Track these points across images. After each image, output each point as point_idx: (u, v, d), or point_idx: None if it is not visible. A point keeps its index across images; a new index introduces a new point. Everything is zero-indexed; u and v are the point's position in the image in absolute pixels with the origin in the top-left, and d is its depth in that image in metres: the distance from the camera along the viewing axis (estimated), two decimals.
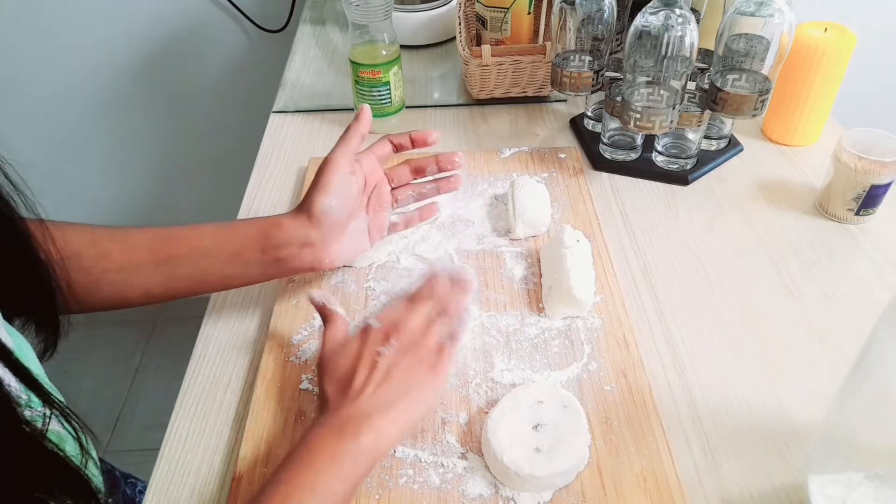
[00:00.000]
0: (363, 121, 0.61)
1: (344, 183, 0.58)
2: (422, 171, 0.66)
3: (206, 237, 0.57)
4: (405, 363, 0.49)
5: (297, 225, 0.56)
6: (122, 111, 1.45)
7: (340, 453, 0.45)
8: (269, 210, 0.77)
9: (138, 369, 1.71)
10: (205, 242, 0.57)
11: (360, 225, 0.62)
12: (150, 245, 0.56)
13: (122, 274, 0.55)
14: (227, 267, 0.57)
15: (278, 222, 0.57)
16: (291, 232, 0.56)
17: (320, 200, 0.56)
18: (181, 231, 0.57)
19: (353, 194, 0.59)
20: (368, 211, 0.63)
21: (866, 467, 0.45)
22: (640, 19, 0.69)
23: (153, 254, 0.56)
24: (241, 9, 1.30)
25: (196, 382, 0.60)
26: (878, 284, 0.67)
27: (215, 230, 0.58)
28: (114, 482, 0.69)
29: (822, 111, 0.82)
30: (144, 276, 0.56)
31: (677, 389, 0.58)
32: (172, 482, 0.52)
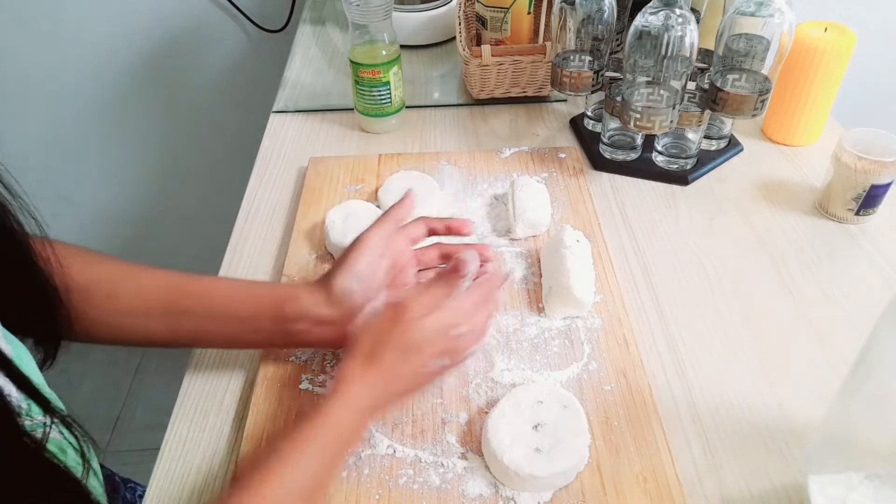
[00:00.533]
0: (405, 206, 0.60)
1: (371, 266, 0.56)
2: (450, 258, 0.62)
3: (219, 296, 0.55)
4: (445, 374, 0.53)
5: (314, 302, 0.54)
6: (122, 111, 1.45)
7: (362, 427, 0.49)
8: (269, 210, 0.77)
9: (138, 369, 1.71)
10: (216, 302, 0.55)
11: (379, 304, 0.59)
12: (160, 294, 0.55)
13: (129, 317, 0.54)
14: (236, 330, 0.56)
15: (295, 295, 0.55)
16: (306, 308, 0.54)
17: (343, 281, 0.54)
18: (195, 283, 0.56)
19: (378, 277, 0.56)
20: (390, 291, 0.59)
21: (866, 467, 0.45)
22: (640, 19, 0.69)
23: (163, 304, 0.55)
24: (241, 9, 1.30)
25: (196, 382, 0.60)
26: (878, 284, 0.67)
27: (229, 290, 0.56)
28: (113, 487, 0.69)
29: (822, 111, 0.82)
30: (150, 322, 0.55)
31: (677, 389, 0.58)
32: (172, 482, 0.52)
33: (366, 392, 0.48)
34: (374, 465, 0.51)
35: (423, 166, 0.80)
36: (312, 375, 0.58)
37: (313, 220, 0.74)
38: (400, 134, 0.89)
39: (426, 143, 0.88)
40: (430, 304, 0.50)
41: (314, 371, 0.58)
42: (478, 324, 0.53)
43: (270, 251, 0.72)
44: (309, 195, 0.77)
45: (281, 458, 0.44)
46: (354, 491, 0.50)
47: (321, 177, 0.80)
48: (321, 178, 0.79)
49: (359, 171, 0.80)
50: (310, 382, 0.57)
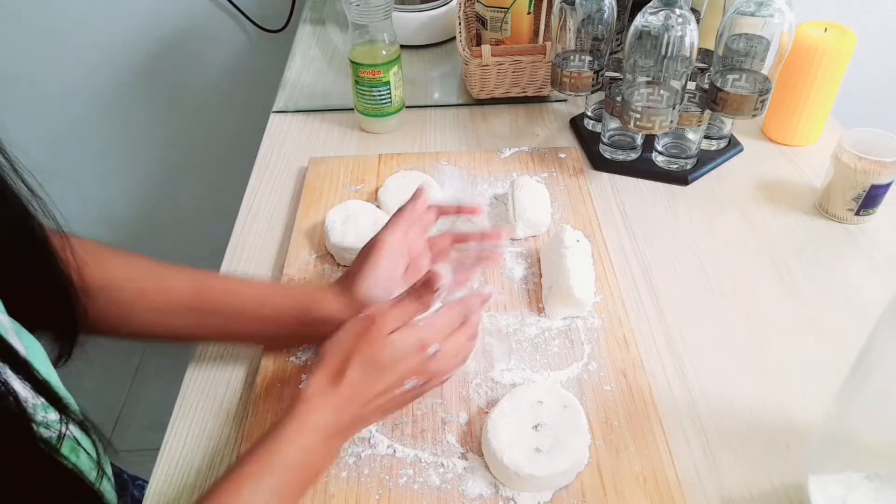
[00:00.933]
0: (419, 204, 0.60)
1: (391, 267, 0.56)
2: (464, 241, 0.64)
3: (245, 296, 0.56)
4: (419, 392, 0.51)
5: (338, 307, 0.55)
6: (122, 111, 1.45)
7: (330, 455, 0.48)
8: (269, 210, 0.77)
9: (138, 369, 1.71)
10: (242, 301, 0.56)
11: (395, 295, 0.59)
12: (187, 291, 0.56)
13: (156, 314, 0.55)
14: (260, 329, 0.57)
15: (319, 299, 0.56)
16: (331, 312, 0.55)
17: (364, 288, 0.55)
18: (221, 282, 0.57)
19: (398, 277, 0.57)
20: (405, 282, 0.59)
21: (866, 467, 0.45)
22: (640, 19, 0.69)
23: (189, 301, 0.55)
24: (241, 9, 1.30)
25: (196, 382, 0.60)
26: (878, 284, 0.67)
27: (255, 291, 0.57)
28: (122, 485, 0.69)
29: (822, 111, 0.82)
30: (177, 320, 0.56)
31: (677, 389, 0.58)
32: (172, 482, 0.52)
33: (329, 413, 0.47)
34: (374, 465, 0.51)
35: (423, 166, 0.80)
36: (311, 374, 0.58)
37: (313, 220, 0.74)
38: (400, 134, 0.89)
39: (426, 143, 0.88)
40: (399, 318, 0.49)
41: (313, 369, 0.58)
42: (454, 346, 0.51)
43: (270, 251, 0.72)
44: (309, 195, 0.77)
45: (237, 481, 0.43)
46: (354, 491, 0.50)
47: (321, 177, 0.80)
48: (321, 178, 0.79)
49: (359, 171, 0.80)
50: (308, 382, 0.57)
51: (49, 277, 0.48)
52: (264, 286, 0.59)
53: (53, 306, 0.49)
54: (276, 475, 0.44)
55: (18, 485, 0.37)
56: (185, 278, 0.56)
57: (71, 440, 0.43)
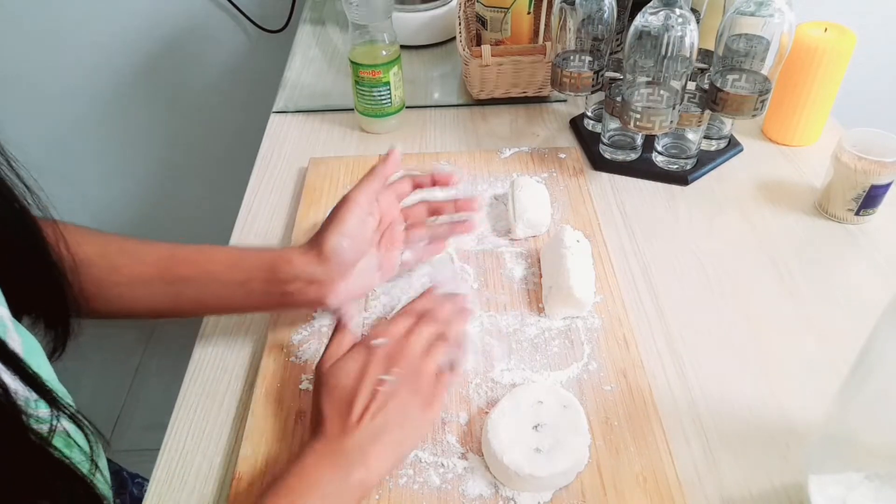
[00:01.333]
0: (390, 163, 0.60)
1: (359, 223, 0.57)
2: (438, 212, 0.65)
3: (215, 262, 0.57)
4: (403, 394, 0.49)
5: (306, 261, 0.55)
6: (122, 111, 1.45)
7: (331, 487, 0.45)
8: (269, 210, 0.77)
9: (138, 369, 1.71)
10: (213, 268, 0.56)
11: (370, 262, 0.60)
12: (158, 263, 0.56)
13: (129, 288, 0.55)
14: (233, 294, 0.57)
15: (287, 257, 0.56)
16: (299, 268, 0.55)
17: (332, 239, 0.55)
18: (191, 252, 0.57)
19: (367, 235, 0.58)
20: (380, 249, 0.61)
21: (866, 467, 0.45)
22: (640, 19, 0.69)
23: (161, 272, 0.56)
24: (241, 9, 1.30)
25: (196, 382, 0.60)
26: (878, 284, 0.67)
27: (224, 256, 0.57)
28: (121, 482, 0.69)
29: (822, 111, 0.82)
30: (151, 292, 0.56)
31: (677, 389, 0.58)
32: (172, 482, 0.52)
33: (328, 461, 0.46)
34: None
35: (423, 166, 0.80)
36: (313, 375, 0.58)
37: (313, 221, 0.74)
38: (400, 134, 0.89)
39: (426, 144, 0.88)
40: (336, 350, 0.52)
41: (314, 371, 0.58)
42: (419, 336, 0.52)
43: None
44: (309, 195, 0.77)
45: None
46: None
47: (321, 177, 0.80)
48: (321, 178, 0.79)
49: (359, 172, 0.80)
50: (310, 382, 0.57)
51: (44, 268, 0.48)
52: (233, 251, 0.59)
53: (47, 296, 0.49)
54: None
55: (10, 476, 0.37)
56: (156, 250, 0.57)
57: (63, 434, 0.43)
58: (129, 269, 0.55)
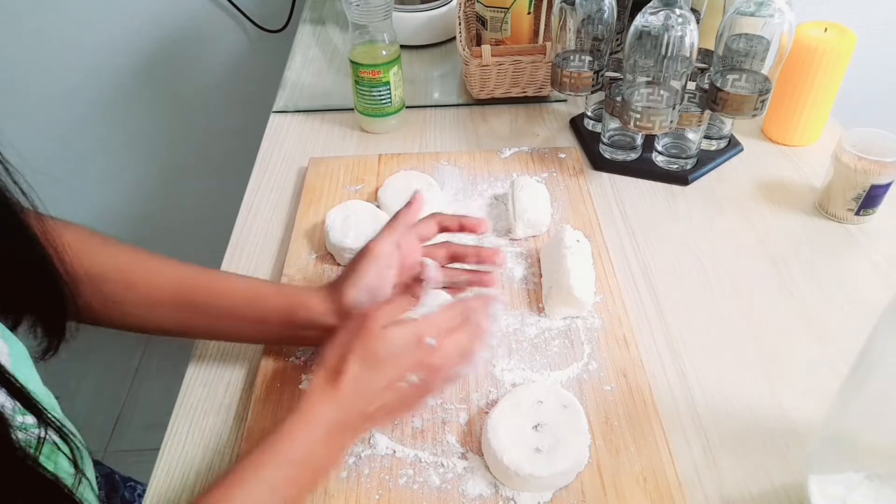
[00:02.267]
0: (414, 210, 0.58)
1: (380, 276, 0.55)
2: (460, 258, 0.61)
3: (231, 295, 0.56)
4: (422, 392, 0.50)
5: (324, 311, 0.55)
6: (121, 111, 1.45)
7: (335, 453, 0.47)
8: (269, 210, 0.77)
9: (138, 370, 1.71)
10: (229, 302, 0.56)
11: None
12: (173, 287, 0.55)
13: (140, 308, 0.55)
14: (246, 329, 0.57)
15: (305, 304, 0.55)
16: (317, 317, 0.55)
17: (351, 294, 0.54)
18: (207, 279, 0.56)
19: (386, 287, 0.56)
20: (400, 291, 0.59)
21: (866, 467, 0.45)
22: (640, 19, 0.69)
23: (175, 297, 0.55)
24: (241, 9, 1.30)
25: (196, 382, 0.60)
26: (878, 284, 0.67)
27: (241, 291, 0.56)
28: (112, 486, 0.69)
29: (822, 111, 0.82)
30: (162, 314, 0.55)
31: (677, 389, 0.58)
32: (172, 482, 0.52)
33: (329, 409, 0.46)
34: (374, 465, 0.51)
35: (423, 166, 0.80)
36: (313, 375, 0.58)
37: (313, 220, 0.74)
38: (400, 134, 0.89)
39: (426, 143, 0.87)
40: (393, 313, 0.49)
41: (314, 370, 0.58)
42: (455, 343, 0.49)
43: (270, 251, 0.72)
44: (309, 195, 0.77)
45: (239, 479, 0.43)
46: (354, 491, 0.50)
47: (321, 177, 0.80)
48: (321, 178, 0.79)
49: (359, 171, 0.80)
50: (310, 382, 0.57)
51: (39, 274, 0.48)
52: (252, 286, 0.58)
53: (39, 294, 0.49)
54: (277, 470, 0.44)
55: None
56: (174, 273, 0.56)
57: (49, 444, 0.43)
58: (142, 290, 0.55)
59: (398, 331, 0.48)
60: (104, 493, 0.65)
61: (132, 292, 0.55)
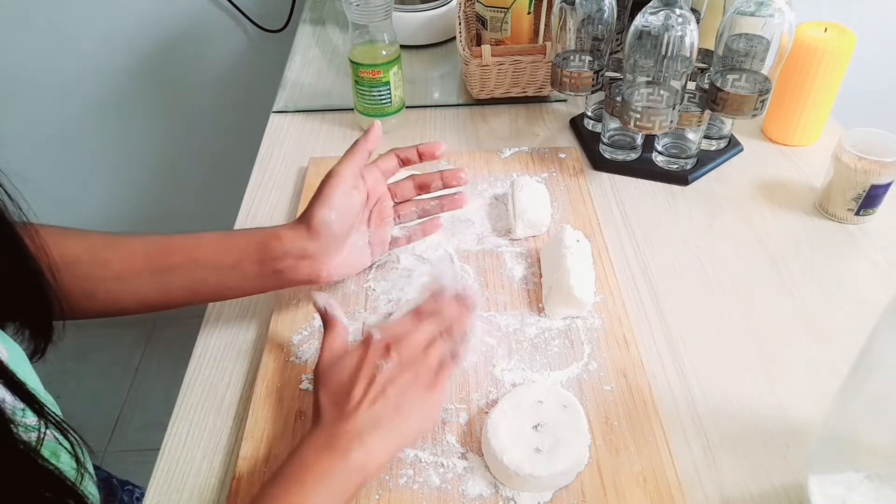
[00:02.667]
0: (371, 137, 0.60)
1: (345, 197, 0.57)
2: (426, 187, 0.65)
3: (204, 248, 0.56)
4: (402, 380, 0.49)
5: (296, 236, 0.56)
6: (121, 111, 1.45)
7: (330, 470, 0.45)
8: (269, 210, 0.77)
9: (138, 370, 1.71)
10: (202, 253, 0.56)
11: (361, 239, 0.61)
12: (146, 254, 0.56)
13: (118, 283, 0.55)
14: (225, 278, 0.57)
15: (277, 234, 0.56)
16: (290, 244, 0.55)
17: (320, 213, 0.55)
18: (179, 240, 0.57)
19: (355, 208, 0.58)
20: (370, 225, 0.62)
21: (866, 467, 0.45)
22: (640, 19, 0.69)
23: (150, 263, 0.55)
24: (241, 9, 1.30)
25: (196, 382, 0.60)
26: (878, 284, 0.67)
27: (213, 240, 0.57)
28: (110, 490, 0.69)
29: (822, 111, 0.82)
30: (141, 284, 0.55)
31: (677, 389, 0.58)
32: (172, 482, 0.52)
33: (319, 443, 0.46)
34: None
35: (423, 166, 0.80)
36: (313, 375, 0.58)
37: None
38: (400, 134, 0.89)
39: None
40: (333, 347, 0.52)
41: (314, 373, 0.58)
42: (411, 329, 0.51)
43: None
44: (309, 195, 0.76)
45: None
46: None
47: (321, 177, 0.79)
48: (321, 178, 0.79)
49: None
50: (310, 382, 0.57)
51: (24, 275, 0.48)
52: (221, 234, 0.58)
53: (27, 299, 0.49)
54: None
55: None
56: (143, 242, 0.57)
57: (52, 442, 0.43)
58: (117, 264, 0.55)
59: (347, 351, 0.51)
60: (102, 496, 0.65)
61: (106, 268, 0.55)
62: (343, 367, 0.50)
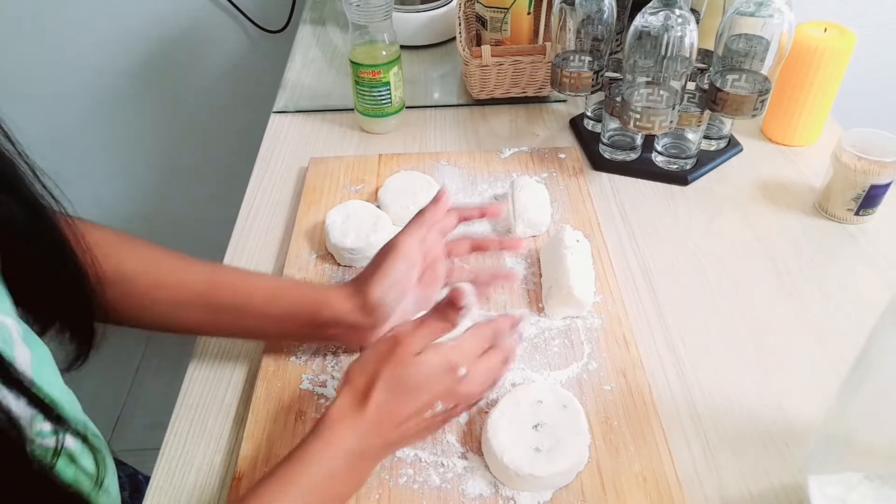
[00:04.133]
0: (441, 207, 0.57)
1: (405, 273, 0.55)
2: (483, 249, 0.63)
3: (256, 294, 0.56)
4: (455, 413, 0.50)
5: (349, 309, 0.54)
6: (122, 112, 1.45)
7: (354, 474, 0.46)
8: (270, 210, 0.77)
9: (138, 369, 1.71)
10: (253, 301, 0.55)
11: (411, 301, 0.58)
12: (201, 286, 0.55)
13: (172, 307, 0.55)
14: (270, 327, 0.57)
15: (329, 302, 0.54)
16: (341, 315, 0.54)
17: (377, 291, 0.53)
18: (232, 278, 0.57)
19: (412, 281, 0.56)
20: (420, 285, 0.58)
21: (866, 467, 0.46)
22: (640, 20, 0.69)
23: (203, 297, 0.55)
24: (241, 9, 1.30)
25: (196, 382, 0.60)
26: (877, 284, 0.67)
27: (265, 288, 0.56)
28: (136, 486, 0.68)
29: (822, 111, 0.82)
30: (192, 314, 0.55)
31: (677, 389, 0.58)
32: (172, 482, 0.52)
33: (352, 435, 0.45)
34: None
35: (423, 167, 0.80)
36: (313, 375, 0.58)
37: (314, 221, 0.74)
38: (400, 134, 0.89)
39: (426, 144, 0.88)
40: (425, 338, 0.47)
41: (315, 371, 0.58)
42: (484, 369, 0.49)
43: (271, 251, 0.72)
44: (309, 195, 0.77)
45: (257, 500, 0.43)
46: None
47: (321, 177, 0.80)
48: (321, 178, 0.79)
49: (359, 172, 0.80)
50: (310, 382, 0.57)
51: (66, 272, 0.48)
52: (276, 283, 0.58)
53: (70, 299, 0.49)
54: (297, 496, 0.43)
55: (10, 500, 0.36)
56: (199, 272, 0.56)
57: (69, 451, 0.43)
58: (171, 290, 0.55)
59: (430, 359, 0.46)
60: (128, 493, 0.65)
61: (162, 292, 0.54)
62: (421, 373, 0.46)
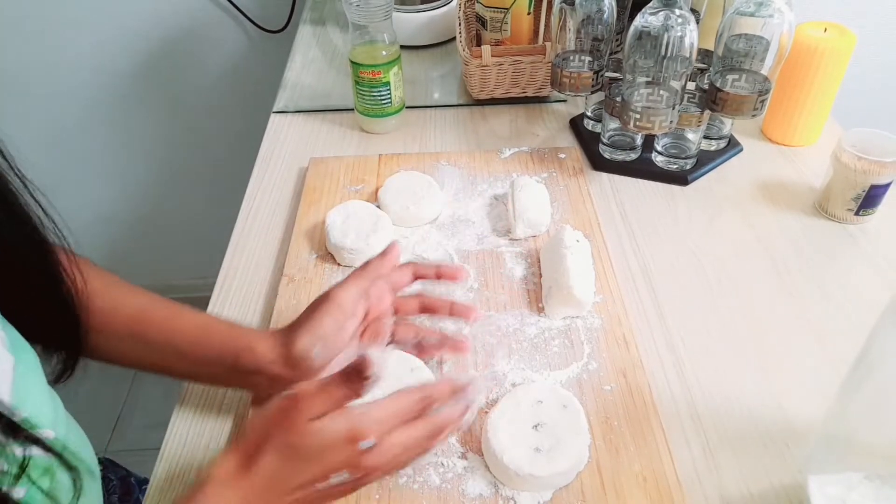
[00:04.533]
0: (388, 260, 0.54)
1: (337, 327, 0.50)
2: (432, 311, 0.58)
3: (182, 334, 0.53)
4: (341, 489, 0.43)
5: (271, 360, 0.50)
6: (122, 112, 1.45)
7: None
8: (270, 210, 0.77)
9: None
10: (178, 340, 0.53)
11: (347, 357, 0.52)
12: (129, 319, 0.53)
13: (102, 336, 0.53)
14: (195, 368, 0.53)
15: (253, 348, 0.51)
16: (263, 365, 0.50)
17: (301, 344, 0.49)
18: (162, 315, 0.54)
19: (345, 339, 0.52)
20: (361, 341, 0.55)
21: (866, 467, 0.46)
22: (640, 20, 0.69)
23: (130, 330, 0.53)
24: (241, 9, 1.30)
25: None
26: (877, 284, 0.67)
27: (192, 329, 0.53)
28: (127, 489, 0.68)
29: (822, 111, 0.82)
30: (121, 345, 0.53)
31: (677, 389, 0.58)
32: (172, 482, 0.52)
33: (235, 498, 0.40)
34: None
35: (423, 166, 0.80)
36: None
37: (314, 221, 0.74)
38: (400, 134, 0.89)
39: (426, 144, 0.88)
40: (325, 405, 0.41)
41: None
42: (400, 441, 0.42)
43: (271, 251, 0.72)
44: (309, 195, 0.77)
45: None
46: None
47: (321, 177, 0.80)
48: (321, 178, 0.79)
49: (359, 172, 0.80)
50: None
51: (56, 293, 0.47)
52: (202, 323, 0.54)
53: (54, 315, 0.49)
54: None
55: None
56: (130, 301, 0.53)
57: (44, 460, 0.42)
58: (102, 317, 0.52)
59: (327, 426, 0.41)
60: (118, 496, 0.65)
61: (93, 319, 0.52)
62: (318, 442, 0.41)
